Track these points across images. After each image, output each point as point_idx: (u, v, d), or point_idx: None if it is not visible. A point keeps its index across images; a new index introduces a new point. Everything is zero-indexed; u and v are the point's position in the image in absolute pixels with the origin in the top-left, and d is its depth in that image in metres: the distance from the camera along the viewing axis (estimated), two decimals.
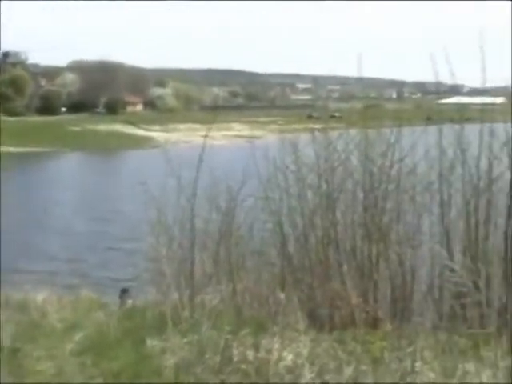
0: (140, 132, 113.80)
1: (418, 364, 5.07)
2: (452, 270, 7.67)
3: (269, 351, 5.27)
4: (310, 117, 40.09)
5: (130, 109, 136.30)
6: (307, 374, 4.60)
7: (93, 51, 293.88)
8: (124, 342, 6.01)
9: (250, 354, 5.24)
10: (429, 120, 10.32)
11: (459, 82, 9.81)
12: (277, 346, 5.38)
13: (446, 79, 9.68)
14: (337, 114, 14.72)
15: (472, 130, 9.09)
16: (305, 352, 5.03)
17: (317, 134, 9.51)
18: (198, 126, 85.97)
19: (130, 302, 10.07)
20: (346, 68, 9.63)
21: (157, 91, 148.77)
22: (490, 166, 8.54)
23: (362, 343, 5.87)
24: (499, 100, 10.83)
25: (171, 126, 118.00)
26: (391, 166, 8.96)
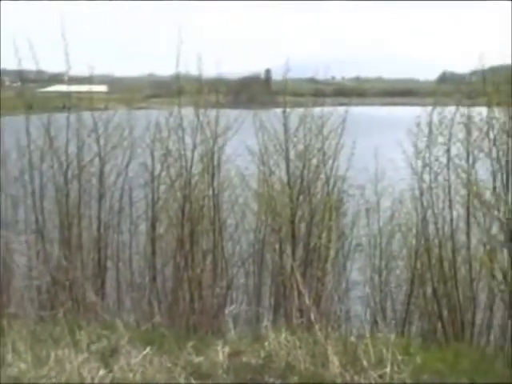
0: None
1: (9, 356, 4.93)
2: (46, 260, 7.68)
3: None
4: None
5: None
6: None
7: None
8: None
9: None
10: (30, 108, 10.10)
11: (60, 70, 9.72)
12: None
13: (47, 67, 9.52)
14: None
15: (64, 118, 9.06)
16: None
17: None
18: None
19: None
20: None
21: None
22: (80, 152, 8.63)
23: None
24: (99, 88, 10.94)
25: None
26: None
